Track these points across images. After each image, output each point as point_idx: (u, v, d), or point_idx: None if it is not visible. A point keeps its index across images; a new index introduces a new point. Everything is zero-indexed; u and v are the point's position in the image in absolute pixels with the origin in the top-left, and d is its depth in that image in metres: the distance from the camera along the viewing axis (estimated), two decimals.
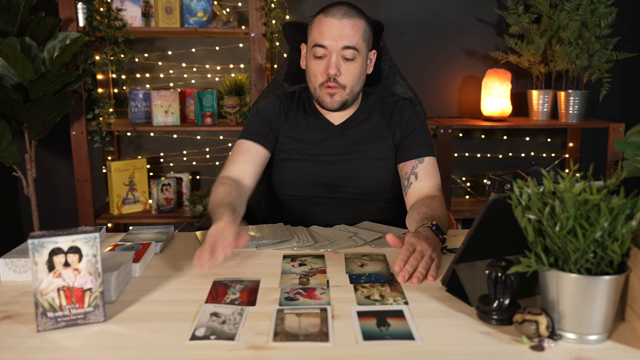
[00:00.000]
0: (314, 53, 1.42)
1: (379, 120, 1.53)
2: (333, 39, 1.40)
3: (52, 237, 0.83)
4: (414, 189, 1.44)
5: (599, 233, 0.75)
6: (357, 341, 0.80)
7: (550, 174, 0.84)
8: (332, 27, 1.40)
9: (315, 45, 1.42)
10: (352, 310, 0.91)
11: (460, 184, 2.90)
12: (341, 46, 1.40)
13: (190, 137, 2.81)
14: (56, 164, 2.79)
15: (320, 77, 1.43)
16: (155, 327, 0.86)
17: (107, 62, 2.39)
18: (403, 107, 1.55)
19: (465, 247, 0.92)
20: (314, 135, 1.51)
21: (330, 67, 1.40)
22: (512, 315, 0.84)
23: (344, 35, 1.40)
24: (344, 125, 1.52)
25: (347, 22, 1.40)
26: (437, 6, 2.74)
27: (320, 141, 1.51)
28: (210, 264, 1.03)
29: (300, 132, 1.52)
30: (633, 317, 0.83)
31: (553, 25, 2.51)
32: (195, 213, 2.55)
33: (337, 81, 1.42)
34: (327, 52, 1.41)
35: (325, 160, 1.49)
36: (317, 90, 1.45)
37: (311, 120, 1.53)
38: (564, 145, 2.89)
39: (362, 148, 1.50)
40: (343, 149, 1.50)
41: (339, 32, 1.40)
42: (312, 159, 1.50)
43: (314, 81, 1.45)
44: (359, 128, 1.52)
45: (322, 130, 1.52)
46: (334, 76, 1.41)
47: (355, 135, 1.51)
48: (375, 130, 1.52)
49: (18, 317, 0.90)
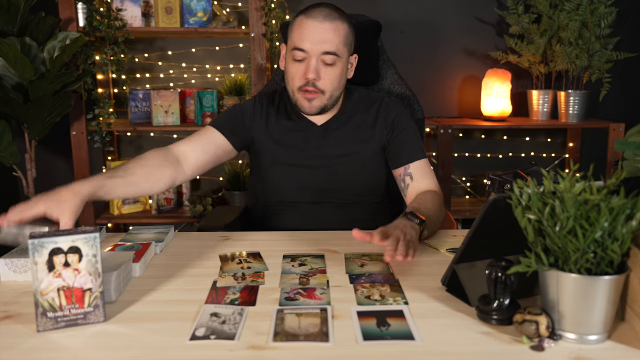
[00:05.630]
0: (293, 56, 1.38)
1: (362, 119, 1.49)
2: (313, 42, 1.35)
3: (52, 237, 0.83)
4: (412, 189, 1.42)
5: (599, 233, 0.75)
6: (357, 341, 0.80)
7: (550, 174, 0.84)
8: (313, 30, 1.35)
9: (295, 49, 1.37)
10: (352, 310, 0.90)
11: (460, 184, 2.90)
12: (321, 51, 1.35)
13: None
14: (56, 164, 2.79)
15: (298, 80, 1.39)
16: (155, 327, 0.86)
17: (107, 62, 2.39)
18: (389, 104, 1.51)
19: (465, 247, 0.92)
20: (296, 136, 1.48)
21: (309, 72, 1.36)
22: (512, 315, 0.84)
23: (324, 40, 1.35)
24: (326, 126, 1.48)
25: (329, 26, 1.36)
26: (437, 6, 2.74)
27: (303, 143, 1.47)
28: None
29: (282, 133, 1.48)
30: (633, 317, 0.83)
31: (553, 25, 2.51)
32: (195, 213, 2.55)
33: (316, 86, 1.38)
34: (307, 55, 1.37)
35: (311, 164, 1.46)
36: (295, 93, 1.41)
37: (293, 121, 1.49)
38: (564, 145, 2.89)
39: (346, 149, 1.47)
40: (328, 151, 1.47)
41: (320, 36, 1.35)
42: (297, 163, 1.47)
43: (292, 84, 1.41)
44: (341, 129, 1.48)
45: (304, 132, 1.48)
46: (313, 80, 1.37)
47: (338, 135, 1.48)
48: (359, 130, 1.48)
49: (18, 317, 0.90)
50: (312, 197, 1.47)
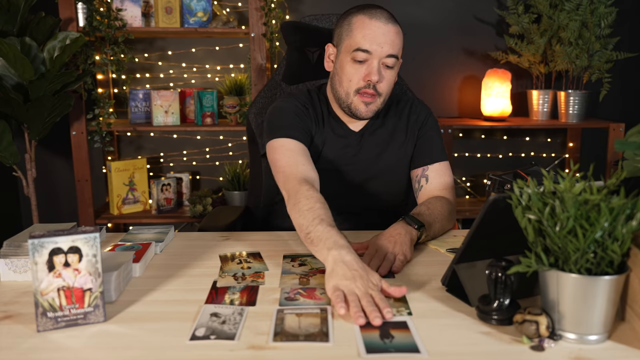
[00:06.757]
0: (355, 57, 1.31)
1: (394, 124, 1.47)
2: (379, 44, 1.30)
3: (52, 237, 0.82)
4: (424, 192, 1.41)
5: (599, 233, 0.75)
6: (360, 354, 0.77)
7: (550, 174, 0.84)
8: (379, 31, 1.30)
9: (358, 49, 1.30)
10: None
11: (460, 184, 2.90)
12: (386, 53, 1.31)
13: (190, 137, 2.81)
14: (56, 164, 2.79)
15: (357, 82, 1.33)
16: (155, 327, 0.86)
17: (107, 62, 2.39)
18: (418, 106, 1.50)
19: (465, 247, 0.92)
20: (337, 141, 1.43)
21: (373, 74, 1.31)
22: (512, 315, 0.84)
23: (389, 42, 1.31)
24: (363, 131, 1.45)
25: (392, 28, 1.32)
26: (437, 6, 2.74)
27: (344, 148, 1.44)
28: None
29: (325, 136, 1.43)
30: (633, 317, 0.83)
31: (553, 25, 2.51)
32: (195, 213, 2.55)
33: (376, 88, 1.33)
34: (370, 57, 1.31)
35: (348, 169, 1.43)
36: (350, 95, 1.35)
37: (333, 126, 1.44)
38: (564, 145, 2.89)
39: (382, 155, 1.45)
40: (364, 156, 1.44)
41: (385, 37, 1.30)
42: (335, 167, 1.43)
43: (348, 86, 1.34)
44: (377, 132, 1.46)
45: (344, 137, 1.44)
46: (375, 83, 1.32)
47: (374, 140, 1.45)
48: (393, 134, 1.46)
49: (18, 317, 0.90)
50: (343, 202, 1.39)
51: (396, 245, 1.12)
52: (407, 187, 1.50)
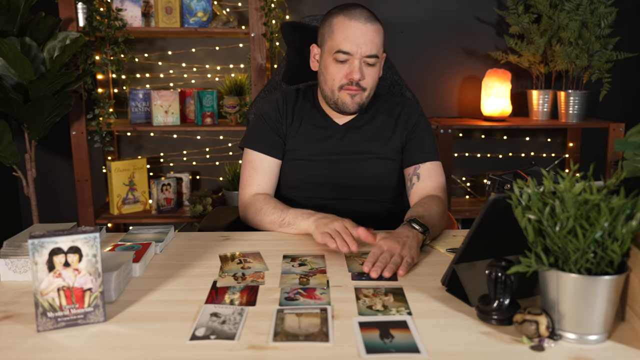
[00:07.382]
0: (336, 58, 1.37)
1: (384, 121, 1.51)
2: (358, 45, 1.35)
3: (52, 237, 0.82)
4: (416, 189, 1.44)
5: (599, 233, 0.75)
6: (360, 354, 0.77)
7: (550, 174, 0.84)
8: (357, 32, 1.35)
9: (339, 51, 1.36)
10: (353, 321, 0.87)
11: (460, 184, 2.90)
12: (366, 53, 1.36)
13: (190, 137, 2.81)
14: (56, 164, 2.79)
15: (340, 80, 1.39)
16: (155, 327, 0.86)
17: (107, 62, 2.39)
18: (411, 108, 1.54)
19: (465, 247, 0.92)
20: (318, 133, 1.50)
21: (355, 73, 1.37)
22: (512, 315, 0.84)
23: (368, 42, 1.36)
24: (348, 125, 1.50)
25: (371, 27, 1.36)
26: (437, 6, 2.74)
27: (325, 139, 1.49)
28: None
29: (305, 129, 1.50)
30: (633, 317, 0.83)
31: (553, 25, 2.51)
32: (195, 213, 2.55)
33: (360, 84, 1.39)
34: (350, 57, 1.37)
35: (330, 159, 1.48)
36: (335, 92, 1.42)
37: (316, 119, 1.51)
38: (564, 145, 2.89)
39: (366, 148, 1.49)
40: (347, 148, 1.49)
41: (364, 38, 1.35)
42: (316, 158, 1.48)
43: (332, 84, 1.41)
44: (363, 128, 1.50)
45: (326, 129, 1.50)
46: (357, 80, 1.38)
47: (359, 135, 1.50)
48: (380, 130, 1.50)
49: (18, 317, 0.90)
50: (326, 193, 1.48)
51: (404, 248, 1.12)
52: (396, 183, 1.52)
